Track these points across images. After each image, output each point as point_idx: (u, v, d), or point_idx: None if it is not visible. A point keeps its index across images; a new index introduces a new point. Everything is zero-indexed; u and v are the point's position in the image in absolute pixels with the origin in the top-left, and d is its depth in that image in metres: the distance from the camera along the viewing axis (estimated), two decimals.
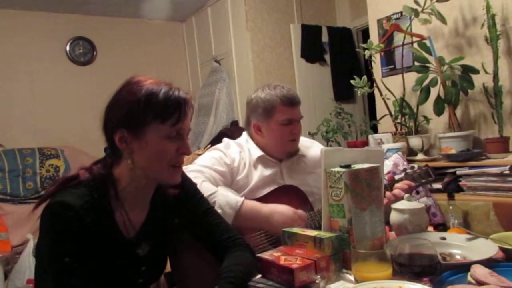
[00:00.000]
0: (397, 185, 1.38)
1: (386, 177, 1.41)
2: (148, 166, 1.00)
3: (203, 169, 1.45)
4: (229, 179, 1.51)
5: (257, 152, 1.57)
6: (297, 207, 1.42)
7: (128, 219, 1.04)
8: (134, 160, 0.99)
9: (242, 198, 1.36)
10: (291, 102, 1.54)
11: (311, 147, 1.71)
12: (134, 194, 1.04)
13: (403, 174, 1.43)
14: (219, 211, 1.28)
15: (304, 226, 1.33)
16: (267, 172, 1.55)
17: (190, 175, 1.32)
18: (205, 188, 1.34)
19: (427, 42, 2.48)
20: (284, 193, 1.50)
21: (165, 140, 0.98)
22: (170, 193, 1.12)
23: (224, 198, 1.34)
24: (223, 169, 1.49)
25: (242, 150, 1.59)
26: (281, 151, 1.58)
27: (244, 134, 1.69)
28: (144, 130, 0.97)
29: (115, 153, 1.01)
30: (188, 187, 1.18)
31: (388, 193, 1.35)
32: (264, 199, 1.47)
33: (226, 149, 1.57)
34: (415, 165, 1.47)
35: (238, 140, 1.65)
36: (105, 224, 0.99)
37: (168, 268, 1.48)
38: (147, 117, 0.96)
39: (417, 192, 1.96)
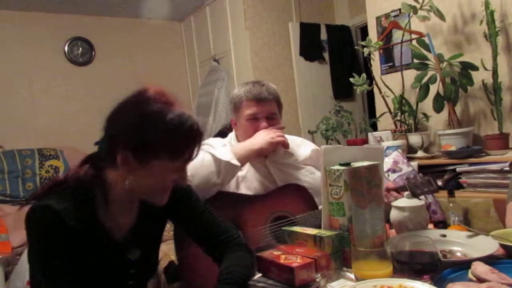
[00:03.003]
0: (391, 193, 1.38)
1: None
2: (141, 189, 0.97)
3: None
4: None
5: None
6: (301, 206, 1.43)
7: (117, 223, 1.01)
8: (129, 181, 0.95)
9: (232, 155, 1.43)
10: (256, 98, 1.52)
11: (300, 146, 1.67)
12: (124, 199, 1.01)
13: (405, 181, 1.43)
14: (216, 153, 1.40)
15: (280, 137, 1.49)
16: (254, 169, 1.55)
17: None
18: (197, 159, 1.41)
19: (426, 39, 2.48)
20: (290, 191, 1.50)
21: (168, 173, 0.95)
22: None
23: (213, 151, 1.43)
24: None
25: (227, 144, 1.60)
26: None
27: (230, 134, 1.69)
28: (152, 162, 0.92)
29: (110, 159, 0.95)
30: (182, 188, 1.14)
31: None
32: (266, 198, 1.47)
33: (212, 142, 1.59)
34: (419, 174, 1.46)
35: (224, 139, 1.66)
36: (91, 227, 0.96)
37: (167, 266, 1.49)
38: (160, 152, 0.91)
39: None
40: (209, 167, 1.38)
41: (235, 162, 1.40)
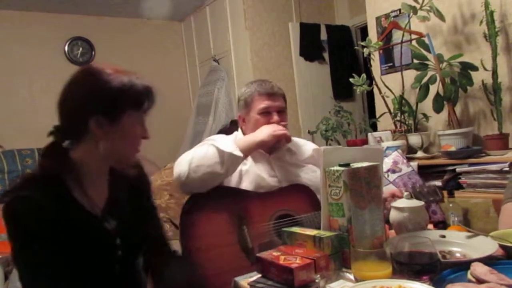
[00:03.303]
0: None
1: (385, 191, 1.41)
2: (117, 149, 1.07)
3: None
4: None
5: None
6: (306, 206, 1.44)
7: (91, 198, 1.08)
8: (103, 143, 1.04)
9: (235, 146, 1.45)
10: (267, 92, 1.60)
11: (303, 146, 1.72)
12: (93, 174, 1.09)
13: (411, 190, 1.43)
14: (221, 145, 1.43)
15: (282, 130, 1.51)
16: (258, 165, 1.58)
17: (187, 157, 1.43)
18: (200, 148, 1.47)
19: (426, 40, 2.48)
20: (295, 191, 1.53)
21: (137, 126, 1.08)
22: (126, 175, 1.17)
23: (217, 142, 1.46)
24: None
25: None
26: None
27: (235, 133, 1.72)
28: (121, 117, 1.04)
29: (74, 136, 1.05)
30: (144, 177, 1.27)
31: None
32: (273, 196, 1.49)
33: (217, 138, 1.62)
34: (424, 183, 1.48)
35: (229, 136, 1.69)
36: (67, 206, 1.03)
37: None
38: (125, 105, 1.04)
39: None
40: (213, 158, 1.41)
41: (238, 153, 1.43)
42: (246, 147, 1.47)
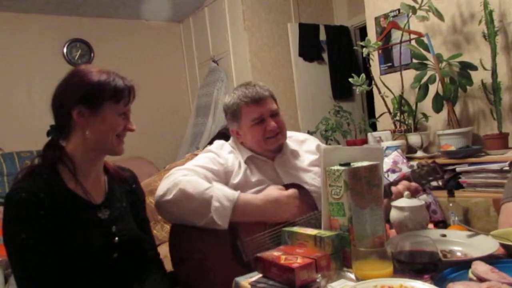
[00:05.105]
0: (404, 182, 1.34)
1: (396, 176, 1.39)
2: (100, 137, 1.16)
3: (196, 168, 1.42)
4: (223, 178, 1.47)
5: (246, 153, 1.53)
6: (302, 206, 1.40)
7: (85, 189, 1.17)
8: (88, 132, 1.15)
9: (238, 191, 1.33)
10: (254, 100, 1.47)
11: (304, 142, 1.64)
12: (86, 165, 1.18)
13: (410, 172, 1.41)
14: (216, 204, 1.26)
15: (297, 204, 1.33)
16: (263, 173, 1.51)
17: (181, 171, 1.38)
18: (200, 183, 1.32)
19: (425, 39, 2.48)
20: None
21: (117, 116, 1.17)
22: (118, 176, 1.30)
23: (221, 192, 1.30)
24: (216, 168, 1.46)
25: (234, 151, 1.56)
26: (264, 149, 1.53)
27: (233, 137, 1.65)
28: (101, 106, 1.14)
29: (64, 130, 1.17)
30: (139, 190, 1.36)
31: (394, 188, 1.33)
32: None
33: (219, 150, 1.54)
34: (423, 162, 1.45)
35: (230, 142, 1.62)
36: (62, 195, 1.11)
37: (169, 263, 1.49)
38: (104, 96, 1.14)
39: (424, 190, 1.92)
40: (201, 208, 1.27)
41: (220, 223, 1.27)
42: (244, 210, 1.31)
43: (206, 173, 1.42)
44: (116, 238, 1.18)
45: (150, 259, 1.31)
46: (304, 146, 1.63)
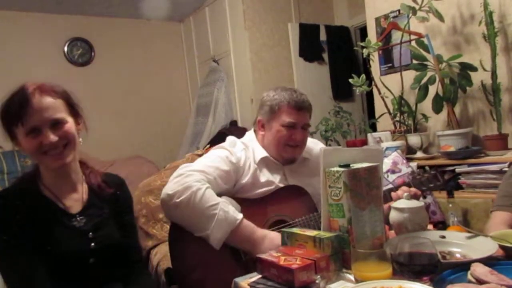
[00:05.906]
0: (404, 187, 1.37)
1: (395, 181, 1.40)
2: (32, 157, 1.20)
3: (207, 169, 1.42)
4: (233, 178, 1.48)
5: (261, 153, 1.55)
6: (301, 207, 1.41)
7: (59, 198, 1.20)
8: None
9: (241, 216, 1.33)
10: (298, 106, 1.53)
11: (314, 148, 1.67)
12: (52, 177, 1.21)
13: (411, 178, 1.42)
14: (214, 226, 1.28)
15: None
16: (272, 175, 1.53)
17: (194, 176, 1.35)
18: (208, 197, 1.32)
19: (425, 40, 2.48)
20: (289, 193, 1.49)
21: (26, 138, 1.15)
22: (103, 188, 1.29)
23: (224, 214, 1.30)
24: (227, 168, 1.46)
25: (247, 149, 1.56)
26: (278, 154, 1.55)
27: (248, 133, 1.67)
28: (14, 134, 1.18)
29: None
30: (125, 196, 1.36)
31: (393, 194, 1.35)
32: (269, 199, 1.47)
33: (232, 147, 1.55)
34: (426, 169, 1.46)
35: (243, 139, 1.63)
36: (36, 201, 1.16)
37: (168, 264, 1.49)
38: (6, 125, 1.18)
39: (424, 197, 1.94)
40: (200, 223, 1.30)
41: (213, 245, 1.30)
42: (240, 236, 1.32)
43: (216, 174, 1.43)
44: (92, 244, 1.19)
45: (133, 263, 1.31)
46: (314, 152, 1.65)
